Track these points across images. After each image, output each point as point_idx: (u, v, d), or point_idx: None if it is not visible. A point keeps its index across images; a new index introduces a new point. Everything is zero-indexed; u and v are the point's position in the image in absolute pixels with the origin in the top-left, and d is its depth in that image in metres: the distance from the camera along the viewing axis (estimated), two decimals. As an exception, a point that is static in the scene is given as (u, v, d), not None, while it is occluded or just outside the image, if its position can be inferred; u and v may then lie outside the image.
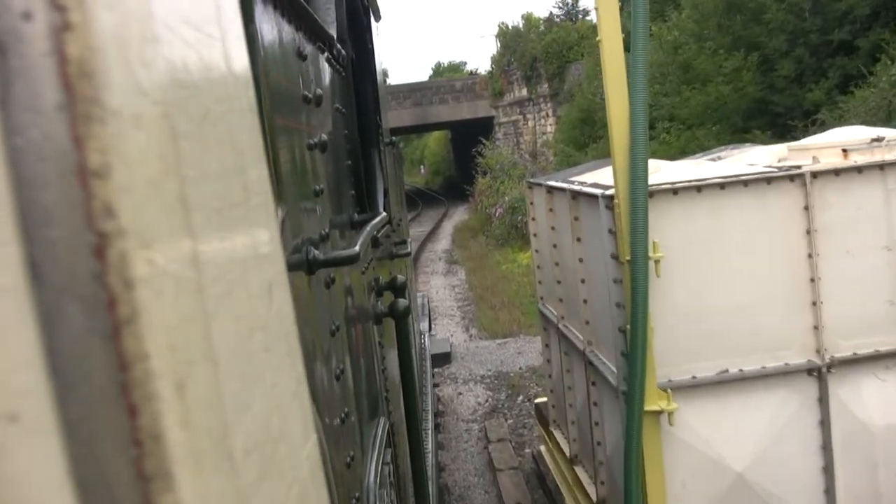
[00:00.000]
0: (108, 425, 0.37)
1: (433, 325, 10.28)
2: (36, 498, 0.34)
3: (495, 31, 31.13)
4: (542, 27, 26.51)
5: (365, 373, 1.67)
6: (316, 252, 1.15)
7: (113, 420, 0.37)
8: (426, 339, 6.22)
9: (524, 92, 27.26)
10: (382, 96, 3.31)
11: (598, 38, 3.52)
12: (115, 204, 0.37)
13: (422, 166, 53.75)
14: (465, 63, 65.09)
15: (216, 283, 0.47)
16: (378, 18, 3.37)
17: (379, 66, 3.12)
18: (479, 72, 38.92)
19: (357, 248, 1.42)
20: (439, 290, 14.86)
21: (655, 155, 11.64)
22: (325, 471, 0.77)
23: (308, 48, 1.33)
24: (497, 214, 19.31)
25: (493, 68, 31.18)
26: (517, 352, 9.95)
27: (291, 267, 0.99)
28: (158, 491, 0.38)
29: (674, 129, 14.44)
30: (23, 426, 0.33)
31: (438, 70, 61.57)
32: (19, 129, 0.35)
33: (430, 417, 4.50)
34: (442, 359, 9.06)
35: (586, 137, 18.69)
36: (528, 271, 14.30)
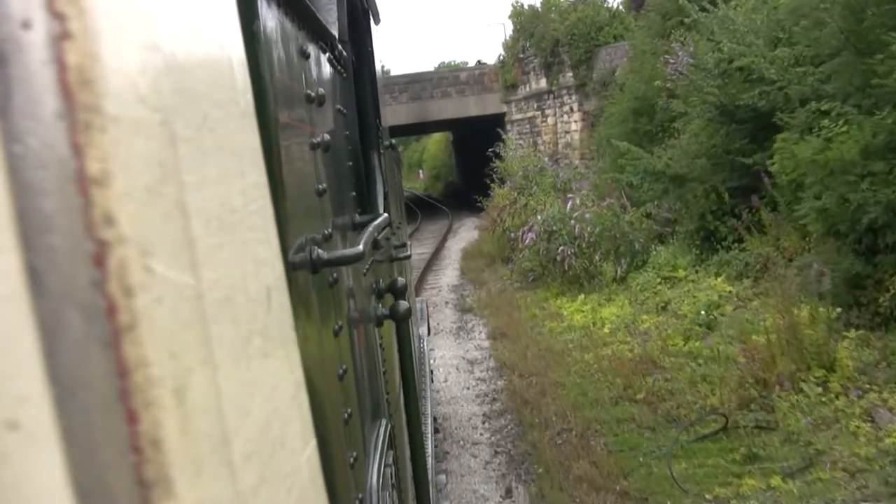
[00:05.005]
0: (108, 432, 0.37)
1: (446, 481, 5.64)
2: None
3: (504, 16, 27.01)
4: (564, 3, 20.78)
5: (367, 373, 1.68)
6: (320, 251, 1.15)
7: (113, 426, 0.37)
8: (424, 343, 6.25)
9: (543, 83, 21.91)
10: (380, 95, 3.33)
11: None
12: (115, 211, 0.37)
13: (420, 170, 53.28)
14: (466, 63, 63.76)
15: (215, 288, 0.47)
16: (378, 21, 3.37)
17: (377, 67, 3.14)
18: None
19: (361, 247, 1.43)
20: (450, 374, 8.12)
21: (819, 157, 7.22)
22: (328, 472, 0.77)
23: (311, 47, 1.33)
24: (527, 241, 12.57)
25: (504, 56, 25.19)
26: None
27: (296, 266, 0.99)
28: (158, 497, 0.38)
29: (839, 115, 7.01)
30: (23, 433, 0.33)
31: (440, 70, 59.92)
32: (19, 136, 0.35)
33: (429, 422, 4.52)
34: None
35: (649, 128, 12.73)
36: (588, 340, 8.43)
